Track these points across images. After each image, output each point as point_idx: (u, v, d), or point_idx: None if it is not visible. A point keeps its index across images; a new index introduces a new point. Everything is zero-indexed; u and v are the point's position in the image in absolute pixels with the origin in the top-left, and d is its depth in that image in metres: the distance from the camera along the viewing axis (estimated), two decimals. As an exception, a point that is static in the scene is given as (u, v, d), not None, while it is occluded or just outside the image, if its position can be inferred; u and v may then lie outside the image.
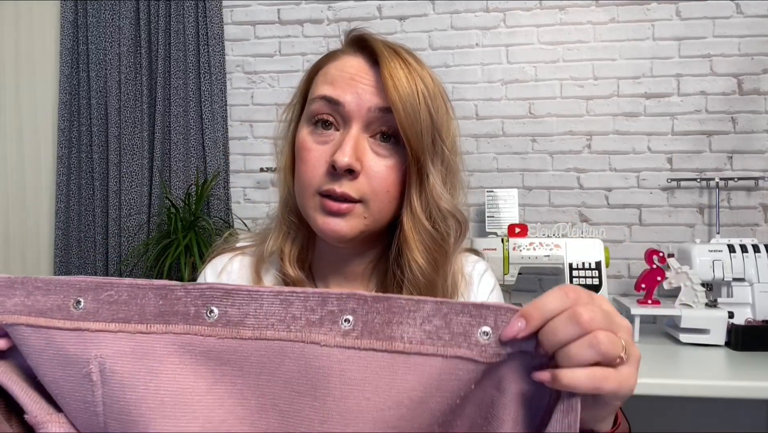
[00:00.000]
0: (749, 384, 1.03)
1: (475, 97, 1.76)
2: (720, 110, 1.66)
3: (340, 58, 0.60)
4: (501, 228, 1.55)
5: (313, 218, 0.59)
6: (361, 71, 0.58)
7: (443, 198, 0.58)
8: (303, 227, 0.64)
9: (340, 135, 0.58)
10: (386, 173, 0.58)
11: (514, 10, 1.74)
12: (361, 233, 0.58)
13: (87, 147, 1.88)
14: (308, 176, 0.58)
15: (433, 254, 0.59)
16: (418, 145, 0.56)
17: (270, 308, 0.36)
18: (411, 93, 0.56)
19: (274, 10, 1.86)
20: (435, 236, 0.59)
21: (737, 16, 1.65)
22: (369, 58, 0.59)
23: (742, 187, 1.65)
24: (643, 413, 1.55)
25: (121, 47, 1.83)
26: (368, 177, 0.57)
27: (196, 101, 1.84)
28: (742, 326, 1.26)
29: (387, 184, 0.58)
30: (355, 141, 0.56)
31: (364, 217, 0.58)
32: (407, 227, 0.58)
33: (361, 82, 0.57)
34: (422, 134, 0.56)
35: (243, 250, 0.69)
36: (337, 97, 0.57)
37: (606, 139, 1.71)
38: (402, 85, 0.56)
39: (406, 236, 0.58)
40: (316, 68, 0.62)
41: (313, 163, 0.58)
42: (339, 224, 0.57)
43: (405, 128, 0.55)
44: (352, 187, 0.56)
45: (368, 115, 0.57)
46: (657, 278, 1.36)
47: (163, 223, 1.78)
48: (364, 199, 0.57)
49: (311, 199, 0.58)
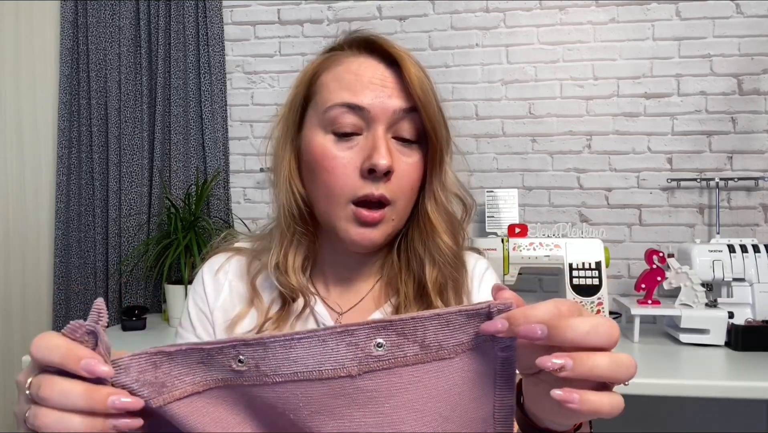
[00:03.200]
0: (749, 384, 1.03)
1: (475, 97, 1.76)
2: (720, 110, 1.66)
3: (349, 61, 0.60)
4: (501, 228, 1.55)
5: (344, 229, 0.58)
6: (378, 74, 0.58)
7: (455, 183, 0.64)
8: (309, 233, 0.63)
9: (364, 139, 0.58)
10: (411, 171, 0.59)
11: (514, 10, 1.74)
12: (387, 236, 0.61)
13: (87, 147, 1.88)
14: (339, 184, 0.57)
15: (454, 234, 0.64)
16: (441, 139, 0.59)
17: (303, 352, 0.36)
18: (429, 91, 0.58)
19: (274, 10, 1.86)
20: (453, 217, 0.64)
21: (737, 16, 1.65)
22: (382, 60, 0.59)
23: (742, 188, 1.65)
24: (643, 413, 1.55)
25: (121, 47, 1.83)
26: (398, 177, 0.58)
27: (196, 101, 1.84)
28: (742, 326, 1.26)
29: (412, 182, 0.60)
30: (387, 142, 0.57)
31: (392, 219, 0.59)
32: (433, 217, 0.61)
33: (380, 84, 0.58)
34: (443, 129, 0.60)
35: (240, 250, 0.69)
36: (359, 102, 0.57)
37: (606, 139, 1.71)
38: (423, 85, 0.58)
39: (434, 225, 0.61)
40: (318, 72, 0.61)
41: (342, 171, 0.57)
42: (373, 234, 0.58)
43: (432, 125, 0.58)
44: (388, 189, 0.57)
45: (392, 117, 0.57)
46: (657, 278, 1.36)
47: (163, 223, 1.78)
48: (395, 201, 0.58)
49: (343, 210, 0.58)
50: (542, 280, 1.73)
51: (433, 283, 0.62)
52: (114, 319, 1.78)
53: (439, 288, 0.62)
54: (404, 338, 0.36)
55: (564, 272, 1.38)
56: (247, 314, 0.64)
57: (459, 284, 0.64)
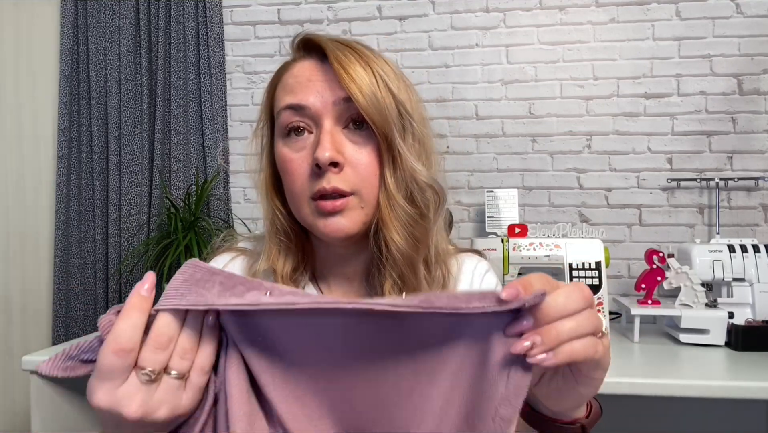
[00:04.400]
0: (749, 384, 1.03)
1: (475, 97, 1.76)
2: (720, 110, 1.66)
3: (293, 67, 0.60)
4: (501, 228, 1.55)
5: (313, 224, 0.58)
6: (315, 70, 0.58)
7: (418, 171, 0.58)
8: (297, 241, 0.64)
9: (314, 136, 0.58)
10: (368, 160, 0.58)
11: (514, 10, 1.74)
12: (363, 224, 0.58)
13: (87, 147, 1.88)
14: (297, 185, 0.58)
15: (411, 230, 0.59)
16: (384, 124, 0.56)
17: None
18: (366, 76, 0.56)
19: (274, 11, 1.86)
20: (411, 212, 0.58)
21: (737, 16, 1.65)
22: (320, 56, 0.59)
23: (742, 188, 1.65)
24: (644, 413, 1.55)
25: (121, 47, 1.83)
26: (353, 167, 0.57)
27: (196, 101, 1.84)
28: (742, 326, 1.26)
29: (372, 170, 0.58)
30: (331, 135, 0.56)
31: (361, 207, 0.58)
32: (383, 205, 0.58)
33: (318, 80, 0.57)
34: (387, 113, 0.56)
35: (244, 251, 0.69)
36: (299, 102, 0.57)
37: (606, 139, 1.71)
38: (356, 71, 0.56)
39: (383, 215, 0.58)
40: (273, 84, 0.62)
41: (298, 171, 0.58)
42: (340, 222, 0.57)
43: (368, 111, 0.55)
44: (340, 180, 0.56)
45: (335, 109, 0.57)
46: (657, 278, 1.36)
47: (163, 223, 1.78)
48: (355, 190, 0.57)
49: (306, 207, 0.58)
50: (542, 280, 1.73)
51: (384, 284, 0.59)
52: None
53: (397, 292, 0.60)
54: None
55: (564, 272, 1.38)
56: None
57: (413, 291, 0.60)
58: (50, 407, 1.23)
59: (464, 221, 1.77)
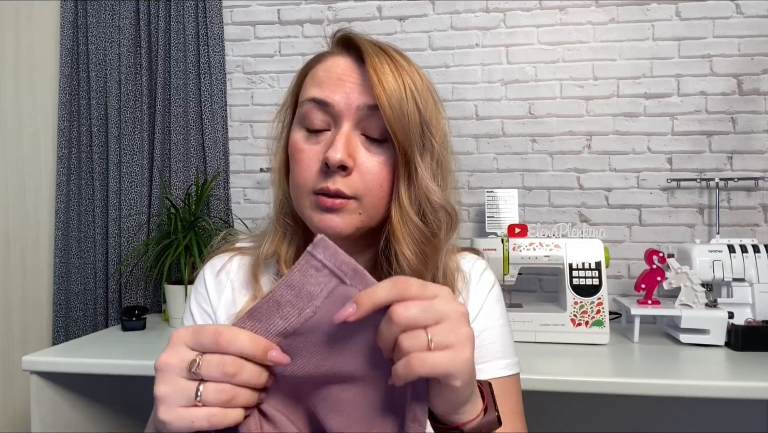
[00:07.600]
0: (749, 384, 1.03)
1: (475, 97, 1.76)
2: (720, 110, 1.66)
3: (327, 60, 0.61)
4: (501, 228, 1.55)
5: (309, 216, 0.59)
6: (348, 70, 0.58)
7: (432, 191, 0.59)
8: (299, 228, 0.65)
9: (331, 134, 0.58)
10: (378, 169, 0.58)
11: (514, 10, 1.74)
12: (356, 229, 0.59)
13: (87, 147, 1.88)
14: (302, 176, 0.59)
15: (422, 247, 0.59)
16: (406, 139, 0.56)
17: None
18: (397, 88, 0.56)
19: (274, 11, 1.86)
20: (424, 230, 0.59)
21: (737, 17, 1.65)
22: (356, 57, 0.59)
23: (742, 188, 1.65)
24: (644, 413, 1.55)
25: (121, 47, 1.83)
26: (361, 173, 0.57)
27: (196, 101, 1.84)
28: (742, 326, 1.26)
29: (380, 180, 0.58)
30: (347, 138, 0.56)
31: (359, 213, 0.58)
32: (395, 220, 0.58)
33: (348, 81, 0.58)
34: (410, 129, 0.56)
35: (242, 250, 0.70)
36: (325, 98, 0.57)
37: (606, 139, 1.71)
38: (388, 81, 0.56)
39: (395, 229, 0.58)
40: (305, 71, 0.63)
41: (307, 163, 0.58)
42: (334, 220, 0.57)
43: (392, 123, 0.55)
44: (345, 184, 0.57)
45: (358, 114, 0.57)
46: (657, 278, 1.36)
47: (163, 223, 1.78)
48: (358, 196, 0.57)
49: (306, 199, 0.59)
50: (542, 280, 1.73)
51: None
52: (114, 319, 1.78)
53: None
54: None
55: (564, 272, 1.38)
56: None
57: None
58: (50, 407, 1.23)
59: (464, 221, 1.77)
